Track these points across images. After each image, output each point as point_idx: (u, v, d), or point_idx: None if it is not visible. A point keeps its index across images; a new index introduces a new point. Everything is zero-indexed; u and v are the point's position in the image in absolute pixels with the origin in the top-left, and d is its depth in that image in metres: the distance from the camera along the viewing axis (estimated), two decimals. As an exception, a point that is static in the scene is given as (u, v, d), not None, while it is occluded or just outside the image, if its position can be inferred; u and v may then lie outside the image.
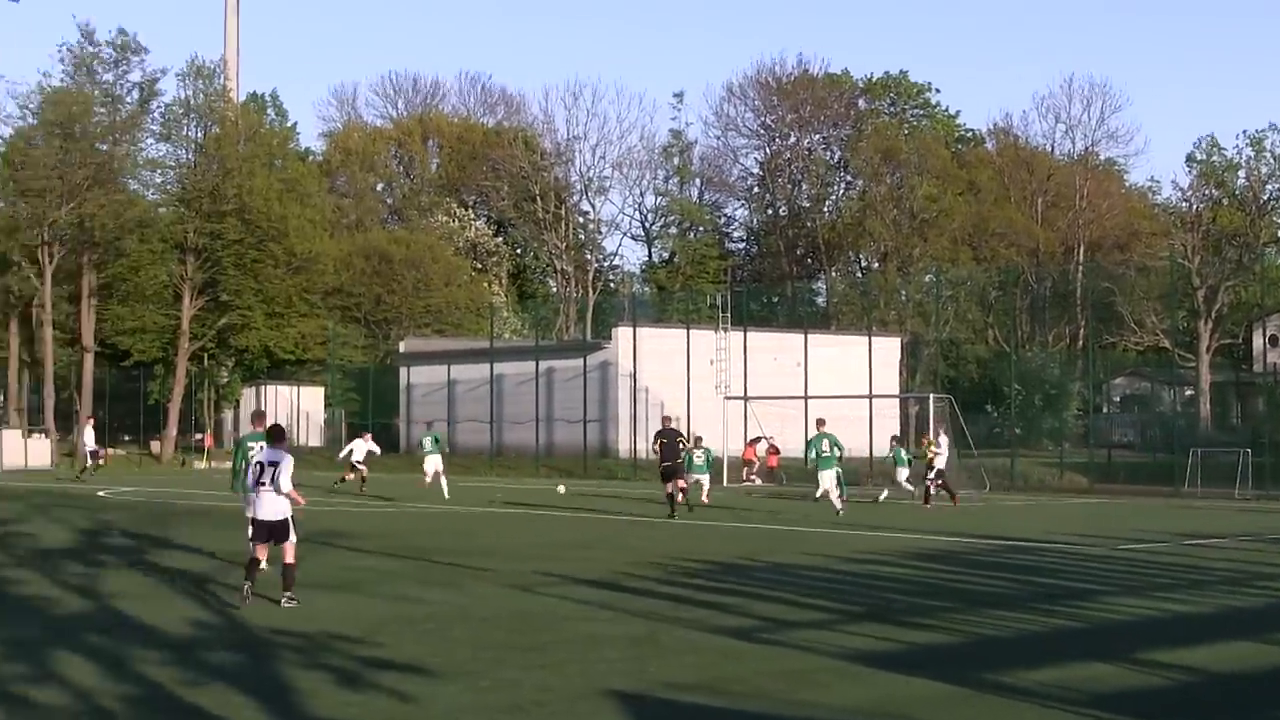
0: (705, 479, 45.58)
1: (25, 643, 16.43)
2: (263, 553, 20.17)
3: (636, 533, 33.62)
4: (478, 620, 18.21)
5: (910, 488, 47.31)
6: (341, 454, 54.74)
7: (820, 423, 43.14)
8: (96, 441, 65.55)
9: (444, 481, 47.87)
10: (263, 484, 19.76)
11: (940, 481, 44.87)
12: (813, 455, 41.38)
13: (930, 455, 45.39)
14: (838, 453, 41.15)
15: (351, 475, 51.89)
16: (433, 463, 48.91)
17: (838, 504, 39.84)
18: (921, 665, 15.03)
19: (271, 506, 19.77)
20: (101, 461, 64.76)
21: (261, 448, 21.90)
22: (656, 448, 40.62)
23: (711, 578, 23.35)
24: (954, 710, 12.90)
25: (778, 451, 61.49)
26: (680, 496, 39.76)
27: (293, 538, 19.97)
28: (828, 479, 40.44)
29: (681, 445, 40.67)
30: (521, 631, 17.28)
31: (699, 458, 44.96)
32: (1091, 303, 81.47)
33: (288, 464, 19.83)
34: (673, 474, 39.40)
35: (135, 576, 23.46)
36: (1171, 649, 16.30)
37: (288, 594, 19.57)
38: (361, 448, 52.80)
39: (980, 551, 28.75)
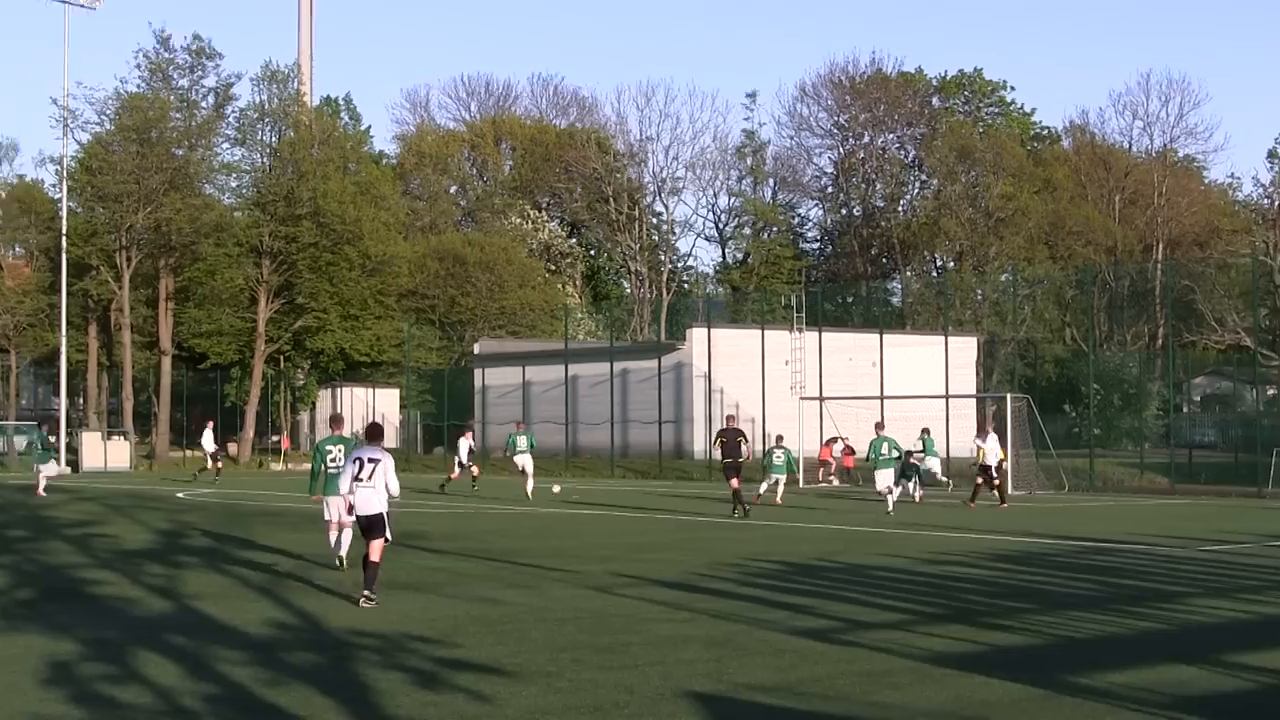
0: (783, 479, 45.64)
1: (108, 643, 16.54)
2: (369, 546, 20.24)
3: (711, 533, 33.57)
4: (555, 621, 18.18)
5: (939, 476, 48.81)
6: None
7: (879, 426, 45.37)
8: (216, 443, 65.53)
9: (530, 484, 48.64)
10: (360, 480, 20.05)
11: (982, 480, 45.02)
12: (873, 457, 43.53)
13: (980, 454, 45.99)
14: (896, 454, 43.80)
15: (475, 473, 53.28)
16: (523, 461, 49.68)
17: (890, 504, 41.79)
18: (999, 666, 14.92)
19: (368, 501, 20.05)
20: (219, 463, 64.44)
21: (341, 450, 23.37)
22: (717, 445, 41.18)
23: (787, 578, 23.30)
24: (1032, 712, 12.80)
25: (853, 452, 61.22)
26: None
27: (387, 536, 20.20)
28: (886, 478, 42.61)
29: (743, 444, 40.66)
30: (599, 632, 17.27)
31: (779, 458, 45.01)
32: (1171, 301, 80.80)
33: (390, 464, 20.18)
34: (735, 471, 39.65)
35: (215, 577, 23.62)
36: (1256, 651, 16.13)
37: (367, 592, 19.69)
38: (464, 446, 53.47)
39: (1060, 552, 28.55)
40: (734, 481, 39.50)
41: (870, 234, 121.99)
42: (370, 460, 20.07)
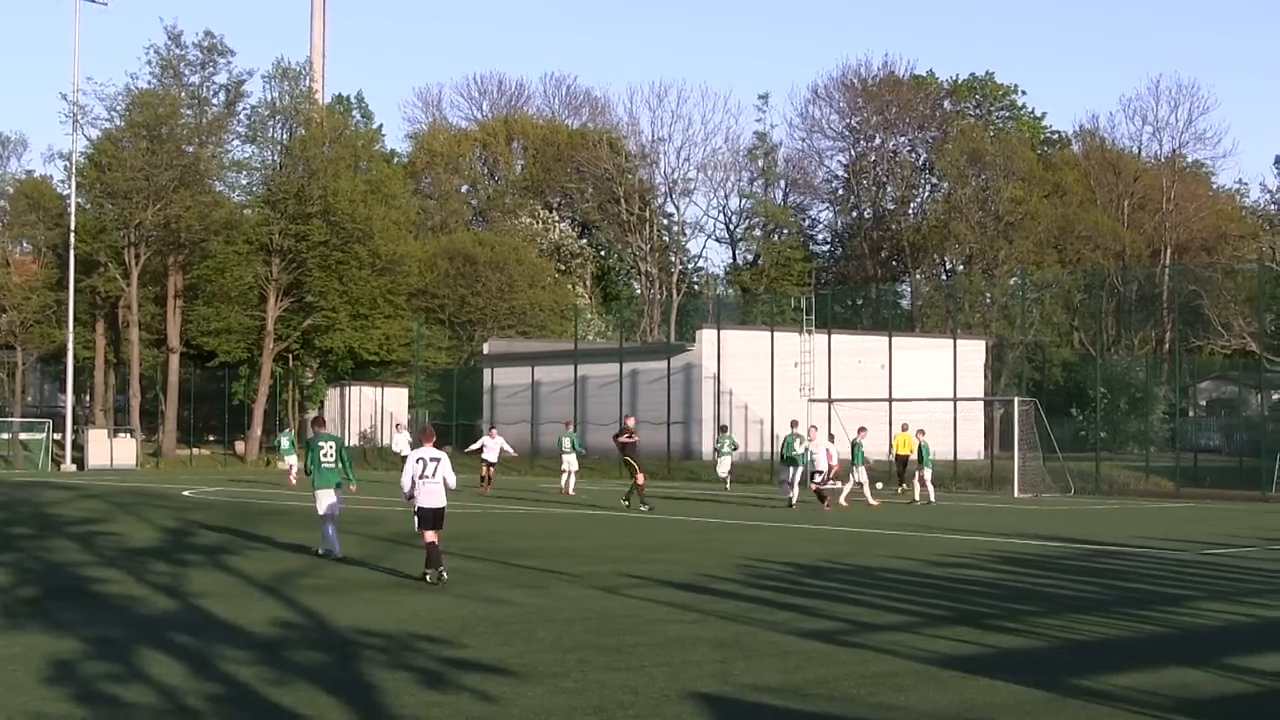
0: (863, 478, 46.72)
1: (111, 642, 16.55)
2: (431, 536, 22.64)
3: (720, 535, 33.64)
4: (562, 622, 18.22)
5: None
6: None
7: (794, 424, 47.32)
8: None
9: (573, 480, 52.61)
10: (426, 477, 22.73)
11: (816, 483, 44.61)
12: (784, 455, 45.56)
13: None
14: (799, 453, 44.87)
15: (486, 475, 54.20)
16: (569, 462, 52.86)
17: (792, 496, 44.10)
18: (1005, 669, 14.99)
19: (435, 496, 22.81)
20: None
21: (333, 446, 26.52)
22: (619, 443, 45.52)
23: (795, 580, 23.36)
24: (1036, 714, 12.86)
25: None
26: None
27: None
28: (785, 473, 45.15)
29: (634, 441, 45.03)
30: (606, 633, 17.32)
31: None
32: (1178, 305, 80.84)
33: (448, 461, 23.07)
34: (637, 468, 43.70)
35: (220, 576, 23.65)
36: (1259, 654, 16.21)
37: (441, 570, 22.45)
38: (493, 447, 53.59)
39: (1065, 555, 28.63)
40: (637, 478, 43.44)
41: (880, 237, 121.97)
42: (432, 459, 22.81)
